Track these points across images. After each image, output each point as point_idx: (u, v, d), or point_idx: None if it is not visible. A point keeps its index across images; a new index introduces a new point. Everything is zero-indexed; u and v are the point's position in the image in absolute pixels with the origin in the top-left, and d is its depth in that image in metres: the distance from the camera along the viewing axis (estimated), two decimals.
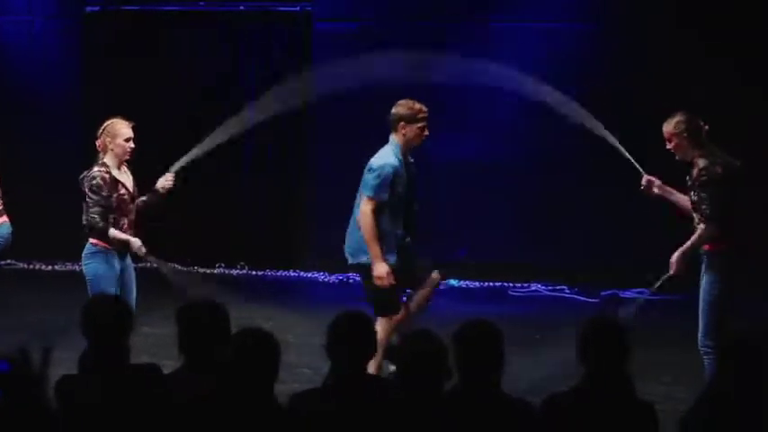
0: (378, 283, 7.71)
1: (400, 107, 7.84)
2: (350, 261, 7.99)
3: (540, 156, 12.63)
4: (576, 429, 4.49)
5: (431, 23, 12.87)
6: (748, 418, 4.12)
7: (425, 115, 7.83)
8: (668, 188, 7.70)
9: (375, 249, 7.67)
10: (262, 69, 13.48)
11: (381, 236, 7.73)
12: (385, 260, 7.70)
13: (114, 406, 4.59)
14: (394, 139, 7.84)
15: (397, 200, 7.78)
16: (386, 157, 7.78)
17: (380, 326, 7.54)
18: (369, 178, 7.74)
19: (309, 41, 13.28)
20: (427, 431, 4.41)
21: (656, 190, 7.69)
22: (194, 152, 8.40)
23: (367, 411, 4.47)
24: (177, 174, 8.16)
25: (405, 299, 7.99)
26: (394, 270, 7.74)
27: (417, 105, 7.84)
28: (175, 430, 4.53)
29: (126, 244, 7.77)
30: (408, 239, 7.99)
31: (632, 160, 7.92)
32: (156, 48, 13.56)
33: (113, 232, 7.72)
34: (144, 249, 7.81)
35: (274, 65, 13.39)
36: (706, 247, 7.32)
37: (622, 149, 8.01)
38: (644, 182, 7.71)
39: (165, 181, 8.07)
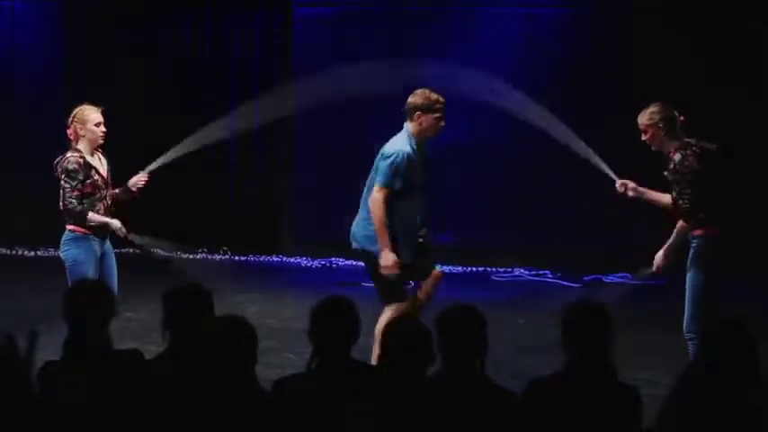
0: (384, 272, 7.57)
1: (417, 96, 7.60)
2: (355, 246, 7.76)
3: (522, 139, 12.64)
4: (559, 414, 4.50)
5: (412, 7, 12.86)
6: (727, 403, 4.13)
7: (442, 105, 7.58)
8: (642, 189, 7.65)
9: (384, 238, 7.46)
10: (244, 52, 13.51)
11: (399, 222, 7.54)
12: (395, 250, 7.52)
13: (97, 392, 4.59)
14: (408, 127, 7.60)
15: (412, 187, 7.58)
16: (399, 144, 7.54)
17: (387, 315, 7.47)
18: (382, 166, 7.51)
19: (290, 25, 13.28)
20: (409, 415, 4.42)
21: (630, 193, 7.66)
22: (170, 154, 8.34)
23: (350, 395, 4.48)
24: (151, 173, 8.05)
25: (412, 290, 7.74)
26: (406, 262, 7.56)
27: (434, 95, 7.61)
28: (157, 416, 4.53)
29: (106, 226, 7.75)
30: (425, 230, 7.83)
31: (605, 168, 7.88)
32: (140, 31, 13.53)
33: (92, 216, 7.67)
34: (124, 230, 7.76)
35: (257, 47, 13.43)
36: (694, 232, 7.28)
37: (596, 159, 7.97)
38: (618, 186, 7.69)
39: (137, 179, 7.99)
